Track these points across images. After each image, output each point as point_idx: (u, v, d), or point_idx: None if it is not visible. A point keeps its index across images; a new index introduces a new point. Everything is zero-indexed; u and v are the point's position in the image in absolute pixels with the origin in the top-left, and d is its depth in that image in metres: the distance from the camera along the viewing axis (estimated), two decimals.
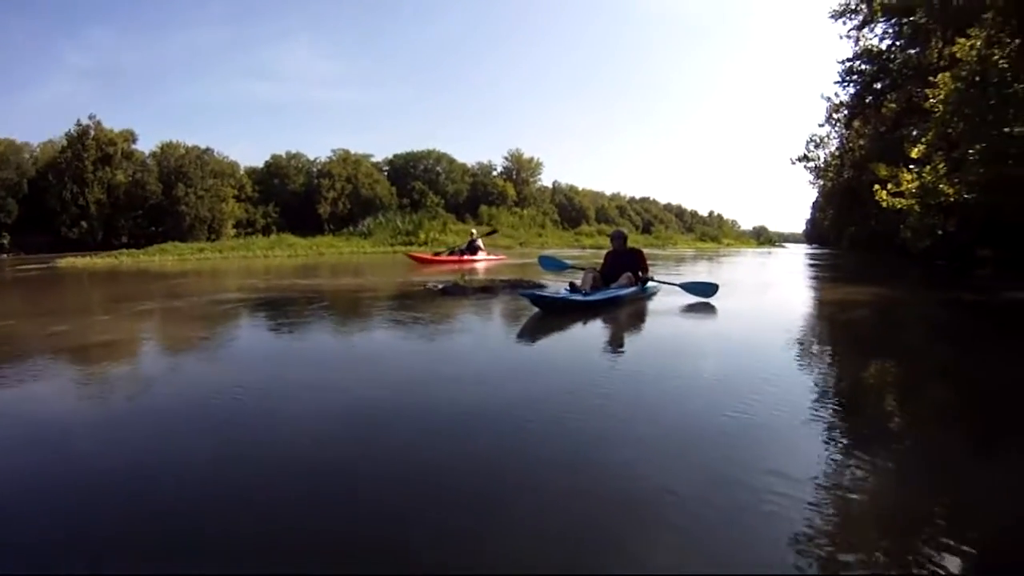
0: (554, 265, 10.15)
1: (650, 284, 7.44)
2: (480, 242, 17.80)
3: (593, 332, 5.37)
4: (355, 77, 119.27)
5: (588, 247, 36.84)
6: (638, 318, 6.17)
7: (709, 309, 6.54)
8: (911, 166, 14.48)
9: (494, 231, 30.38)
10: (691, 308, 6.57)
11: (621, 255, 7.46)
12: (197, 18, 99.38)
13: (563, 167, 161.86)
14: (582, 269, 7.71)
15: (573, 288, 6.33)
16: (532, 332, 5.16)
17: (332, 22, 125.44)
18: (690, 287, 7.36)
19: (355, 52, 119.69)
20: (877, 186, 15.62)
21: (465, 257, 16.66)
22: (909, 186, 14.08)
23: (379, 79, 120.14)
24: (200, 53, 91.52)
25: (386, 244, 28.41)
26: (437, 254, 17.33)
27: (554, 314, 5.78)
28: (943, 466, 2.36)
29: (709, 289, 7.22)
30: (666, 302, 6.96)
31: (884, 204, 15.19)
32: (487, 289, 7.96)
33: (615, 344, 4.89)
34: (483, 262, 16.56)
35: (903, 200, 14.36)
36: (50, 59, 69.38)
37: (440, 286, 8.21)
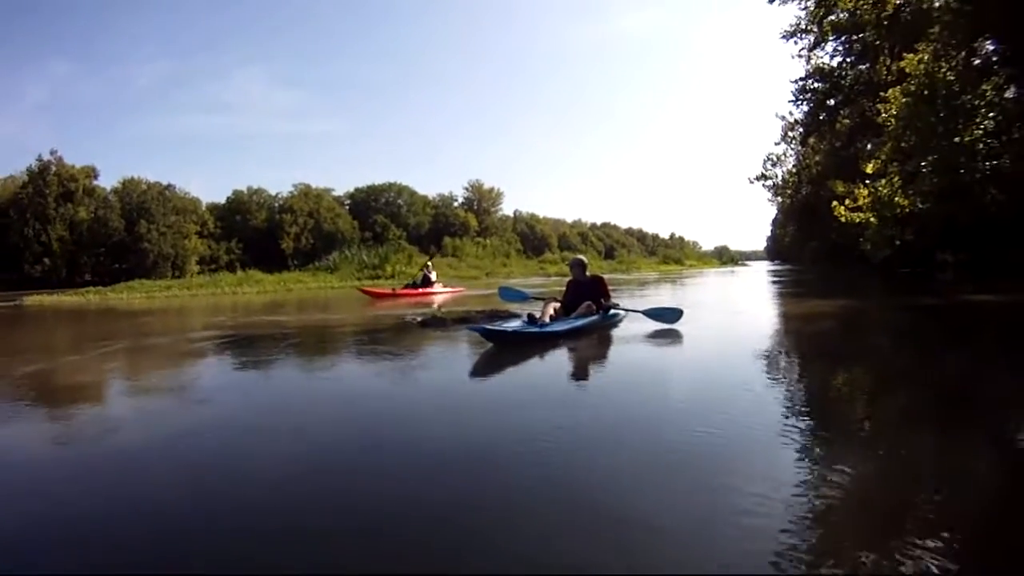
0: (514, 296, 9.89)
1: (612, 312, 7.19)
2: (434, 274, 17.29)
3: (554, 364, 5.11)
4: (314, 109, 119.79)
5: (553, 275, 36.83)
6: (601, 347, 5.92)
7: (675, 335, 6.31)
8: (866, 181, 14.84)
9: (430, 256, 30.38)
10: (656, 335, 6.34)
11: (581, 284, 7.23)
12: (156, 51, 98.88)
13: (523, 195, 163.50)
14: (542, 299, 7.48)
15: (531, 319, 6.12)
16: (487, 368, 4.92)
17: (288, 54, 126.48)
18: (654, 313, 7.13)
19: (313, 83, 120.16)
20: (835, 202, 15.95)
21: (419, 291, 16.14)
22: (865, 201, 14.40)
23: (336, 111, 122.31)
24: (158, 86, 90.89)
25: (352, 278, 28.11)
26: (406, 287, 16.76)
27: (509, 347, 5.55)
28: (912, 466, 2.44)
29: (673, 315, 6.97)
30: (630, 329, 6.72)
31: (843, 219, 15.49)
32: (465, 320, 7.98)
33: (578, 375, 4.70)
34: (439, 295, 16.03)
35: (860, 214, 14.65)
36: (4, 92, 67.73)
37: (419, 319, 8.43)
